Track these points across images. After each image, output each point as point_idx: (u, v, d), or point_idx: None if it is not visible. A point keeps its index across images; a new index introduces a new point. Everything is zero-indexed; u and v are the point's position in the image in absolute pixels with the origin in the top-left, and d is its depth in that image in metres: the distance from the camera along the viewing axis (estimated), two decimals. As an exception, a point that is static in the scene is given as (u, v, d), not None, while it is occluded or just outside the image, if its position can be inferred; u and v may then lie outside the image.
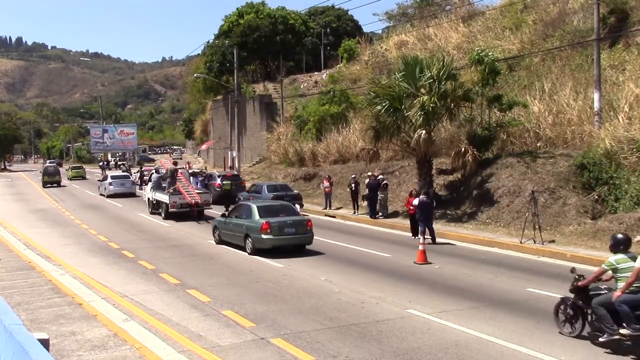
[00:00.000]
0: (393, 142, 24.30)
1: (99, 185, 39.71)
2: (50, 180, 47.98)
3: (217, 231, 19.24)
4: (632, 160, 18.58)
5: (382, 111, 22.58)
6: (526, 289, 12.16)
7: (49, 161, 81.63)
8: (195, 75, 56.88)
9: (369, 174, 25.49)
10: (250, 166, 46.19)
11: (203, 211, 25.62)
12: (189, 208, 25.05)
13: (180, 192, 25.49)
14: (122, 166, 60.41)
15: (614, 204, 18.38)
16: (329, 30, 59.66)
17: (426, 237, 17.47)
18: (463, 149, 22.35)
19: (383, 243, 18.97)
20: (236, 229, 17.91)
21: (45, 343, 6.03)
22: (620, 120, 20.13)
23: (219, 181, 31.62)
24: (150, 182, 29.23)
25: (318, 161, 35.97)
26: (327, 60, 55.58)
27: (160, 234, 21.45)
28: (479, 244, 18.22)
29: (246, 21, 54.14)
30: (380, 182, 24.51)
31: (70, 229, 23.24)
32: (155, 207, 27.26)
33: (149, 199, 28.48)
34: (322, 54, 56.55)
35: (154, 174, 30.67)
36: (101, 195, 37.51)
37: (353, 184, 25.91)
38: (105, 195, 36.51)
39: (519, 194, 20.39)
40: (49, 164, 60.97)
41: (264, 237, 16.58)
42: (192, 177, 34.04)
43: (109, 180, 37.27)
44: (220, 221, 19.21)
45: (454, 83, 22.68)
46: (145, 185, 33.71)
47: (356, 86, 37.39)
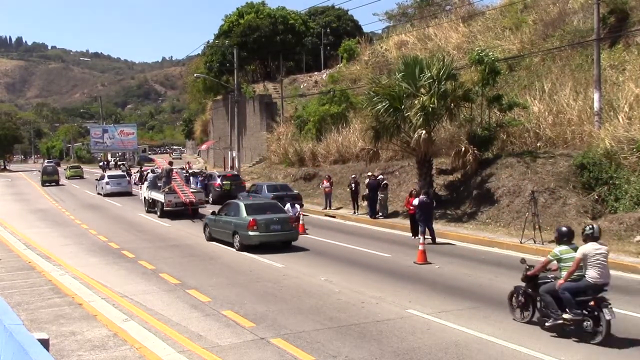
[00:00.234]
0: (393, 142, 24.31)
1: (96, 184, 40.45)
2: (49, 179, 49.14)
3: (207, 228, 19.78)
4: (632, 160, 18.59)
5: (382, 111, 22.58)
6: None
7: (47, 161, 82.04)
8: (195, 75, 56.89)
9: (369, 174, 25.49)
10: (250, 166, 46.20)
11: (197, 210, 26.04)
12: (183, 207, 25.57)
13: (175, 191, 25.92)
14: (122, 166, 60.39)
15: (614, 204, 18.39)
16: (329, 30, 59.67)
17: (426, 237, 17.48)
18: (463, 149, 22.33)
19: (383, 243, 18.97)
20: (225, 226, 18.49)
21: (45, 343, 6.03)
22: (620, 120, 20.13)
23: (218, 181, 31.78)
24: (146, 181, 29.70)
25: (318, 161, 35.96)
26: (327, 60, 55.60)
27: (160, 234, 21.45)
28: (479, 244, 18.22)
29: (246, 21, 54.16)
30: (380, 182, 24.50)
31: (70, 229, 23.24)
32: (151, 206, 27.79)
33: (145, 197, 29.00)
34: (322, 54, 56.56)
35: (149, 174, 31.20)
36: (98, 194, 38.23)
37: (353, 184, 25.91)
38: (103, 194, 37.19)
39: (519, 194, 20.39)
40: (47, 163, 62.10)
41: (250, 233, 17.21)
42: (192, 177, 34.25)
43: (106, 179, 38.14)
44: (210, 219, 19.77)
45: (454, 83, 22.69)
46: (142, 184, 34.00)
47: (356, 86, 37.38)
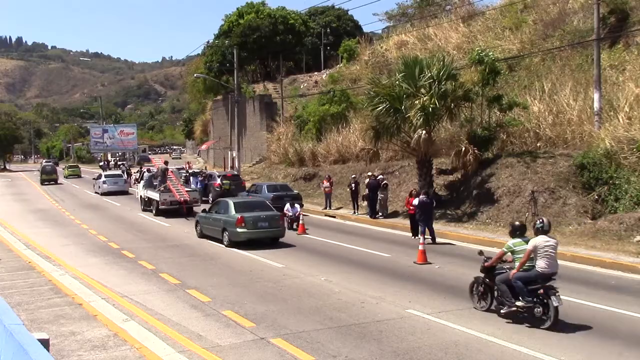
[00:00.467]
0: (393, 142, 24.32)
1: (94, 183, 41.55)
2: (47, 178, 50.78)
3: (198, 225, 20.49)
4: (632, 160, 18.57)
5: (382, 112, 22.59)
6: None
7: (45, 160, 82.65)
8: (195, 75, 56.84)
9: (369, 174, 25.49)
10: (250, 166, 46.19)
11: (192, 208, 26.55)
12: (178, 205, 26.28)
13: (170, 190, 26.71)
14: (121, 166, 60.45)
15: (614, 204, 18.38)
16: (329, 30, 59.67)
17: (426, 237, 17.49)
18: (463, 149, 22.33)
19: (383, 243, 18.97)
20: (215, 223, 19.21)
21: (45, 343, 6.03)
22: (620, 120, 20.11)
23: (218, 181, 31.83)
24: (143, 181, 30.48)
25: (318, 161, 35.94)
26: (327, 60, 55.58)
27: (160, 234, 21.45)
28: (479, 244, 18.17)
29: (246, 21, 54.12)
30: (380, 182, 24.50)
31: (70, 228, 23.24)
32: (147, 204, 28.60)
33: (141, 196, 29.85)
34: (322, 54, 56.55)
35: (145, 173, 32.12)
36: (96, 192, 39.24)
37: (353, 184, 25.90)
38: (100, 193, 38.17)
39: (519, 194, 20.39)
40: (46, 163, 63.47)
41: (238, 230, 17.88)
42: (192, 177, 34.38)
43: (103, 178, 39.38)
44: (201, 216, 20.58)
45: (454, 83, 22.69)
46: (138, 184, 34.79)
47: (356, 86, 37.35)
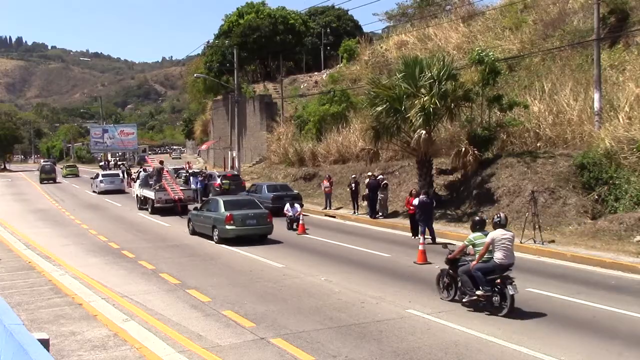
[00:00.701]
0: (393, 142, 24.31)
1: (91, 182, 42.46)
2: (46, 177, 52.63)
3: (190, 223, 21.15)
4: (632, 160, 18.57)
5: (382, 112, 22.58)
6: (526, 289, 12.12)
7: (44, 160, 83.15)
8: (195, 75, 56.83)
9: (369, 174, 25.48)
10: (250, 166, 46.18)
11: (186, 207, 26.90)
12: (173, 204, 26.98)
13: (165, 188, 27.36)
14: (121, 166, 60.53)
15: (614, 204, 18.38)
16: (329, 30, 59.62)
17: (426, 237, 17.49)
18: (463, 149, 22.32)
19: (383, 243, 18.96)
20: (206, 220, 19.86)
21: (45, 343, 6.03)
22: (620, 120, 20.11)
23: (218, 181, 31.91)
24: (139, 180, 31.06)
25: (318, 161, 35.94)
26: (327, 60, 55.54)
27: (160, 234, 21.45)
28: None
29: (246, 21, 54.10)
30: (380, 182, 24.50)
31: (70, 228, 23.24)
32: (143, 203, 29.27)
33: (137, 195, 30.52)
34: (322, 54, 56.52)
35: (141, 172, 32.59)
36: (93, 191, 40.21)
37: (353, 184, 25.90)
38: (97, 192, 39.20)
39: (519, 194, 20.39)
40: (45, 162, 64.40)
41: (227, 227, 18.51)
42: (192, 177, 34.45)
43: (100, 178, 40.61)
44: (193, 214, 21.30)
45: (454, 83, 22.67)
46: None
47: (356, 86, 37.34)
